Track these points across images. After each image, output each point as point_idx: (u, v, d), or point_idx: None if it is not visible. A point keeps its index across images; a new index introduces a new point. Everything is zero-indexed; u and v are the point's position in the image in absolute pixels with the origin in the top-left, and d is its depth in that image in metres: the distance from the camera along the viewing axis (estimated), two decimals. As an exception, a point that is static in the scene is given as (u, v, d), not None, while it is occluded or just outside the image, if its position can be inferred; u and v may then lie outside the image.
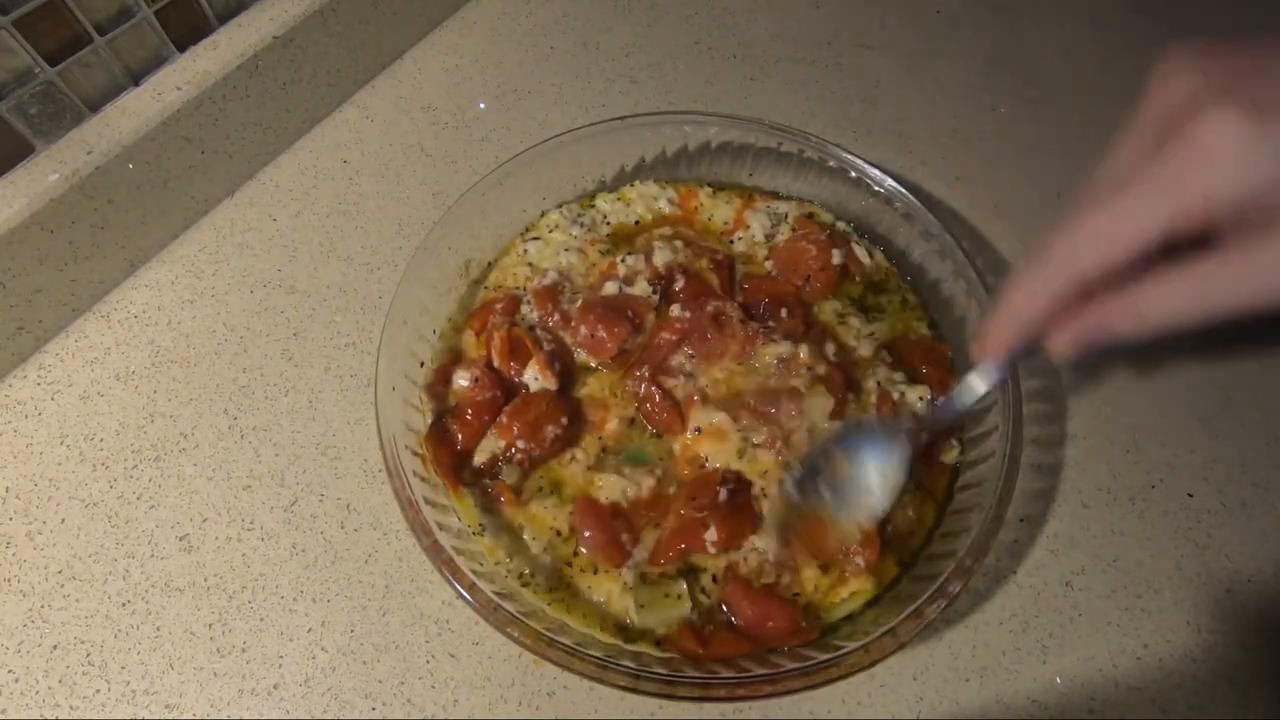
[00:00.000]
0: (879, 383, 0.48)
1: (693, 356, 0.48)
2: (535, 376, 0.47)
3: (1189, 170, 0.26)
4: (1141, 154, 0.28)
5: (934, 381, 0.48)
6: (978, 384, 0.38)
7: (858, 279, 0.54)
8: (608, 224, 0.56)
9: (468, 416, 0.46)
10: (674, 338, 0.48)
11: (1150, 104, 0.29)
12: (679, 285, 0.50)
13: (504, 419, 0.45)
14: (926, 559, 0.44)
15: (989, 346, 0.34)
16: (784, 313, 0.50)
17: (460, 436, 0.46)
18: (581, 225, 0.55)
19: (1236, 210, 0.27)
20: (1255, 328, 0.56)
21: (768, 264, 0.54)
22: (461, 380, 0.47)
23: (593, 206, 0.57)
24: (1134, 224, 0.28)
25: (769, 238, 0.55)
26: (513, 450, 0.45)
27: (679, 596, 0.42)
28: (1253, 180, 0.26)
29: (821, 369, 0.47)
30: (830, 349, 0.49)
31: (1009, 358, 0.35)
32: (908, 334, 0.52)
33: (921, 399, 0.47)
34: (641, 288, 0.50)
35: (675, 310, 0.49)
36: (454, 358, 0.50)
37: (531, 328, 0.49)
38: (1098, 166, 0.30)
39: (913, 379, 0.48)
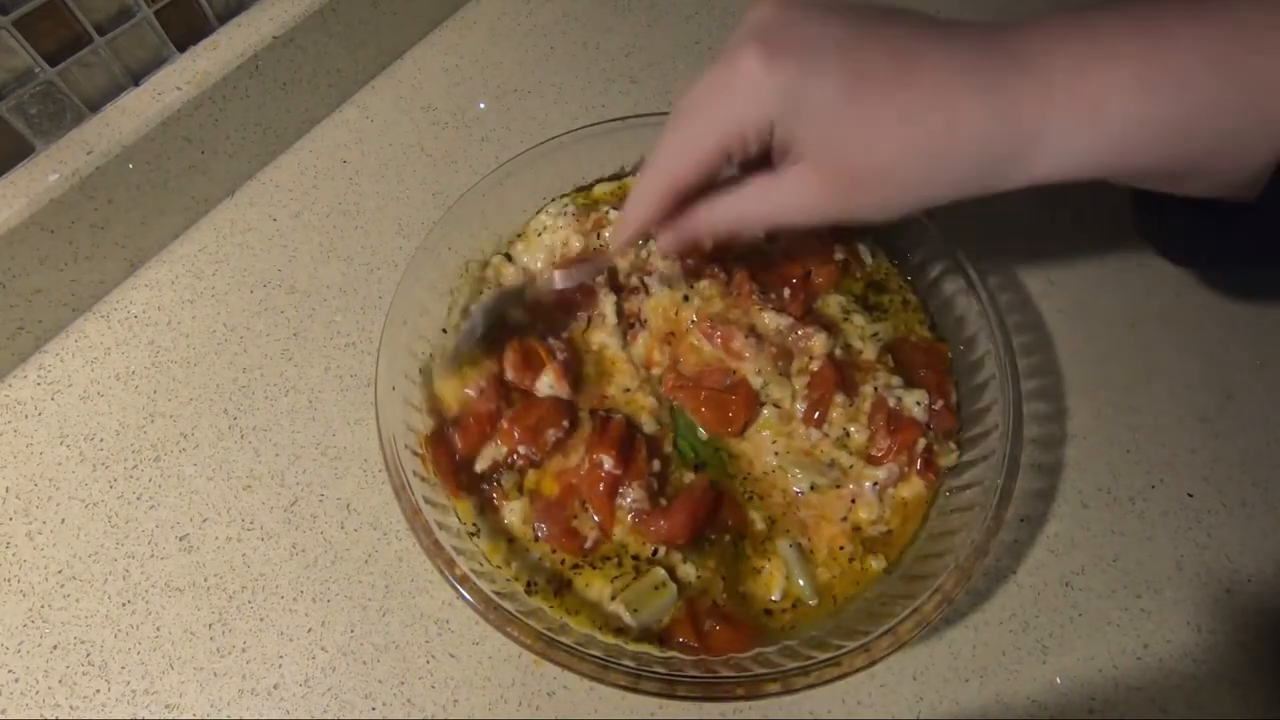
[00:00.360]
0: (877, 388, 0.47)
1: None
2: (550, 385, 0.47)
3: (720, 100, 0.33)
4: (715, 74, 0.34)
5: (931, 385, 0.48)
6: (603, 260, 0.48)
7: (858, 275, 0.54)
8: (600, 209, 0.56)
9: (470, 424, 0.46)
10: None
11: (736, 32, 0.34)
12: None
13: (505, 425, 0.45)
14: (925, 559, 0.44)
15: (616, 239, 0.42)
16: (786, 292, 0.51)
17: (461, 444, 0.46)
18: (569, 214, 0.54)
19: (770, 134, 0.32)
20: (1255, 328, 0.56)
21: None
22: (468, 390, 0.47)
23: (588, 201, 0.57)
24: (693, 144, 0.34)
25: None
26: (514, 456, 0.45)
27: (663, 584, 0.42)
28: (761, 108, 0.31)
29: (816, 365, 0.47)
30: (838, 345, 0.49)
31: (634, 243, 0.43)
32: (909, 335, 0.52)
33: (919, 403, 0.47)
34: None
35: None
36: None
37: (545, 335, 0.49)
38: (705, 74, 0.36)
39: (910, 382, 0.48)
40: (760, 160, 0.36)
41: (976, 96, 0.31)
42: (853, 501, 0.46)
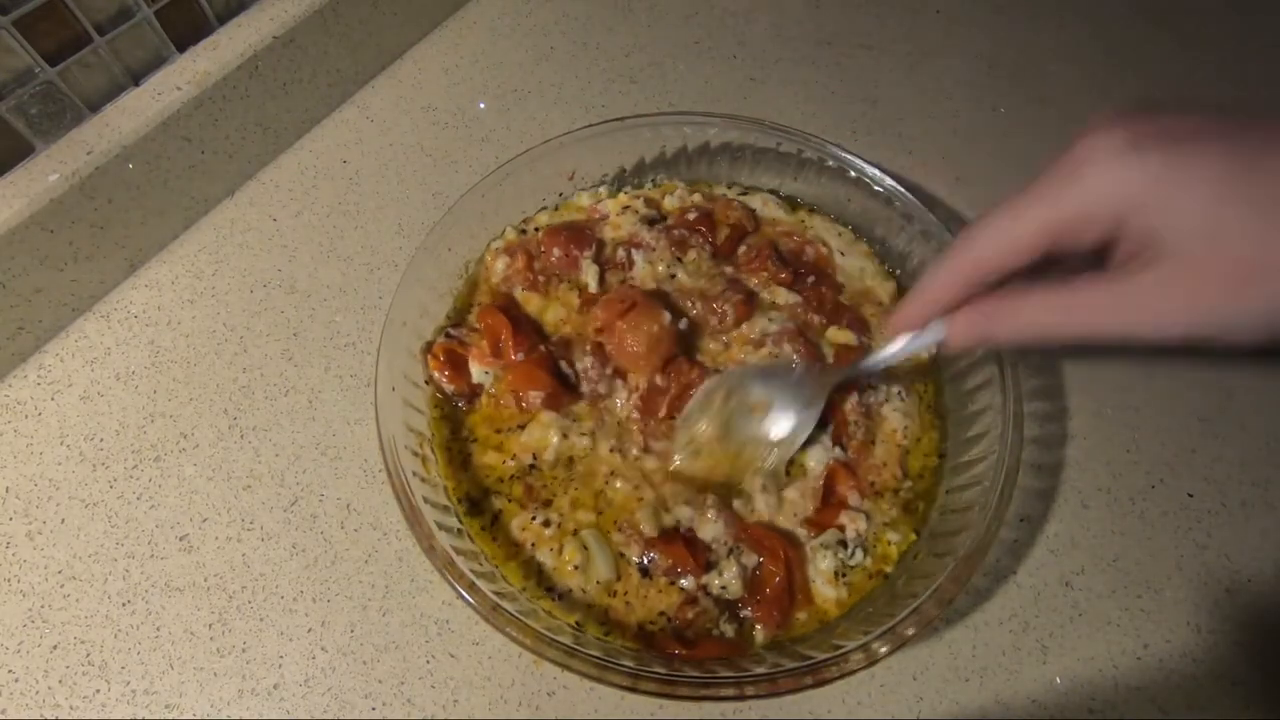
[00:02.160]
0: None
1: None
2: (483, 371, 0.48)
3: (1065, 178, 0.29)
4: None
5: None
6: (891, 349, 0.42)
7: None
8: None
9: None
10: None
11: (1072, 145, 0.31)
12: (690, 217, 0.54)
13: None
14: (926, 558, 0.44)
15: (905, 319, 0.38)
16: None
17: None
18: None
19: (1114, 228, 0.28)
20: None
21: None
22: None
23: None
24: (1019, 226, 0.30)
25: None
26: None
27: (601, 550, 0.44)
28: (1118, 193, 0.27)
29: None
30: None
31: (918, 332, 0.39)
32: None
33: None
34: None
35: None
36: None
37: (447, 333, 0.50)
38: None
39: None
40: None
41: None
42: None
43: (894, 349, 0.42)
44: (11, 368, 0.53)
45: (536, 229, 0.55)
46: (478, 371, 0.49)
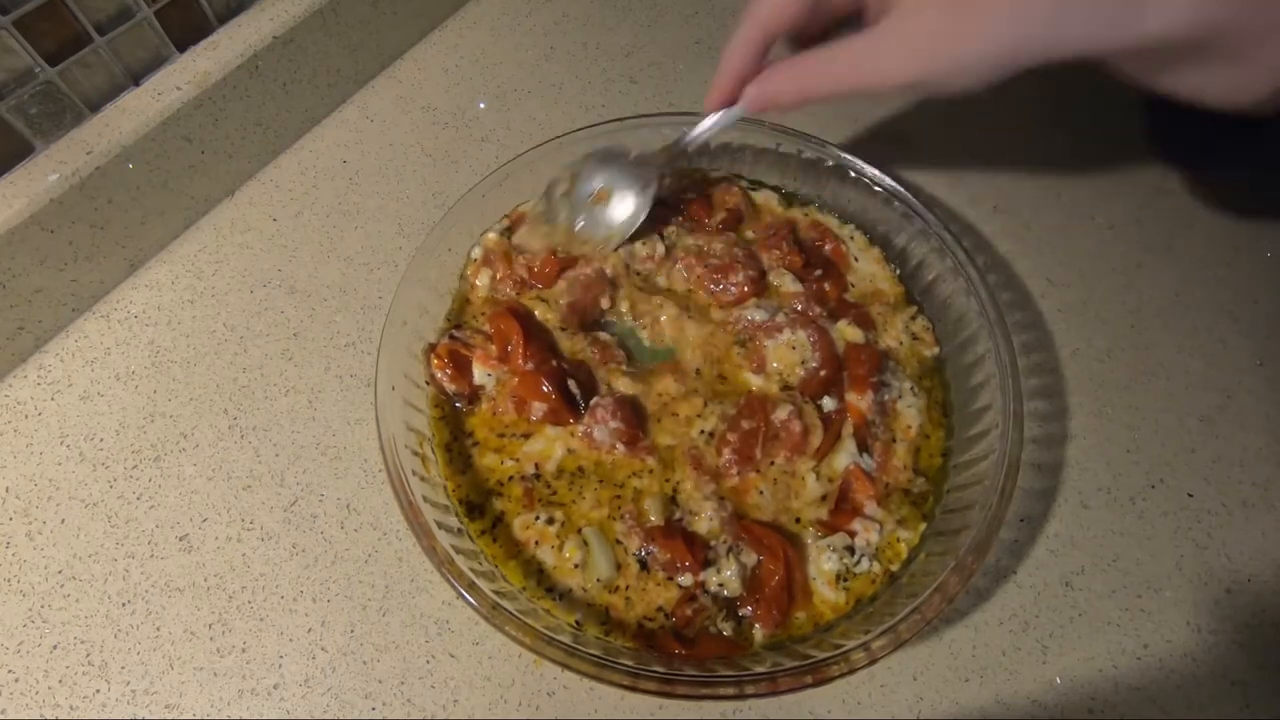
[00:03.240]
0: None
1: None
2: (486, 373, 0.48)
3: None
4: None
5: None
6: (706, 124, 0.45)
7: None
8: None
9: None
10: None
11: None
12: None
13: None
14: (927, 558, 0.44)
15: (717, 96, 0.42)
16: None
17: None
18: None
19: None
20: (1255, 328, 0.56)
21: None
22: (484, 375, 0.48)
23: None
24: None
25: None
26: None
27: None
28: None
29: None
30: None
31: (729, 96, 0.42)
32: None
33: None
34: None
35: None
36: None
37: (452, 334, 0.50)
38: None
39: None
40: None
41: None
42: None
43: (709, 123, 0.45)
44: (11, 368, 0.53)
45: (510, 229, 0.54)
46: (480, 373, 0.48)
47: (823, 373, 0.48)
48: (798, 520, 0.46)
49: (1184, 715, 0.44)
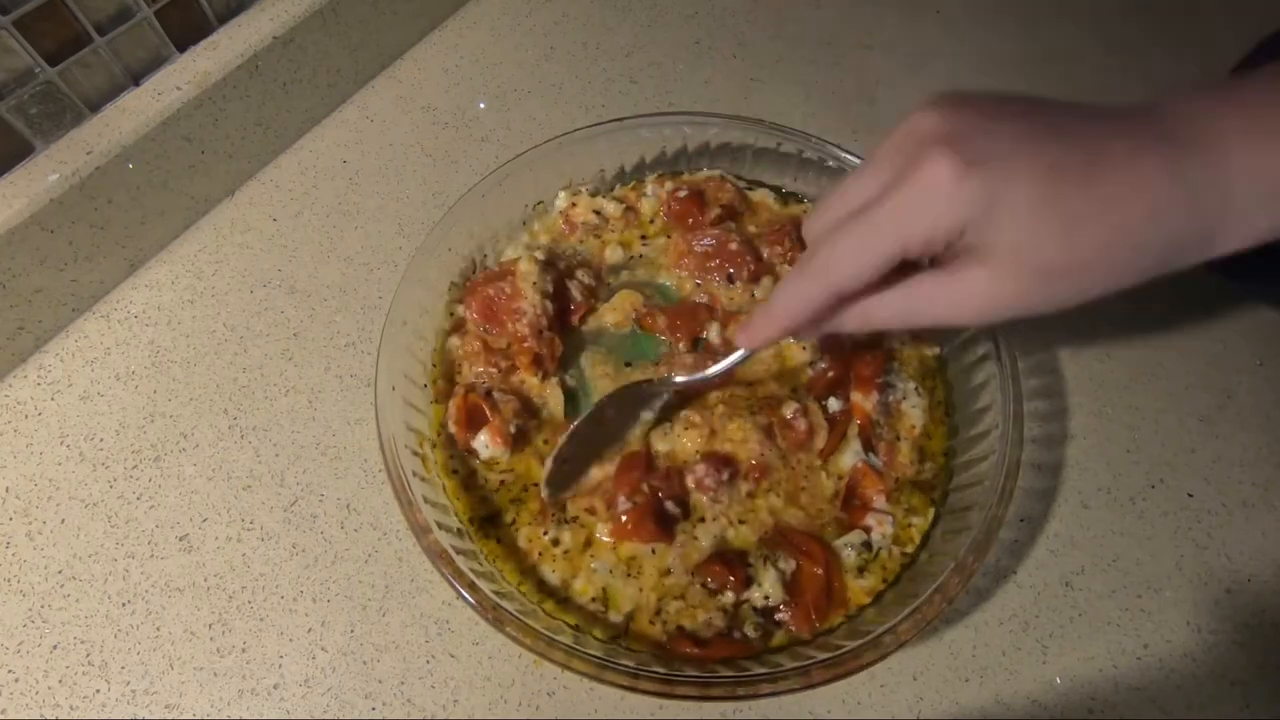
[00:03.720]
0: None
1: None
2: (485, 445, 0.46)
3: (915, 202, 0.32)
4: (885, 178, 0.34)
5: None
6: (728, 362, 0.43)
7: None
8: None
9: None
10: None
11: (899, 133, 0.35)
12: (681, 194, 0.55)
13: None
14: (926, 558, 0.44)
15: (752, 336, 0.40)
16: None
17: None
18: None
19: (950, 238, 0.32)
20: (1255, 328, 0.56)
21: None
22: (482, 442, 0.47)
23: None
24: (876, 253, 0.33)
25: None
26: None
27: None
28: (957, 216, 0.31)
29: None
30: None
31: (773, 343, 0.42)
32: None
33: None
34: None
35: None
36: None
37: (489, 391, 0.48)
38: (853, 179, 0.36)
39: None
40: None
41: (1169, 183, 0.31)
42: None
43: (731, 361, 0.43)
44: (11, 368, 0.53)
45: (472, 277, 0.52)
46: (483, 443, 0.46)
47: (830, 373, 0.49)
48: (822, 524, 0.46)
49: (1184, 715, 0.44)
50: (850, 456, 0.47)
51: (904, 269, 0.34)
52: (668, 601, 0.43)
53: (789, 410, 0.47)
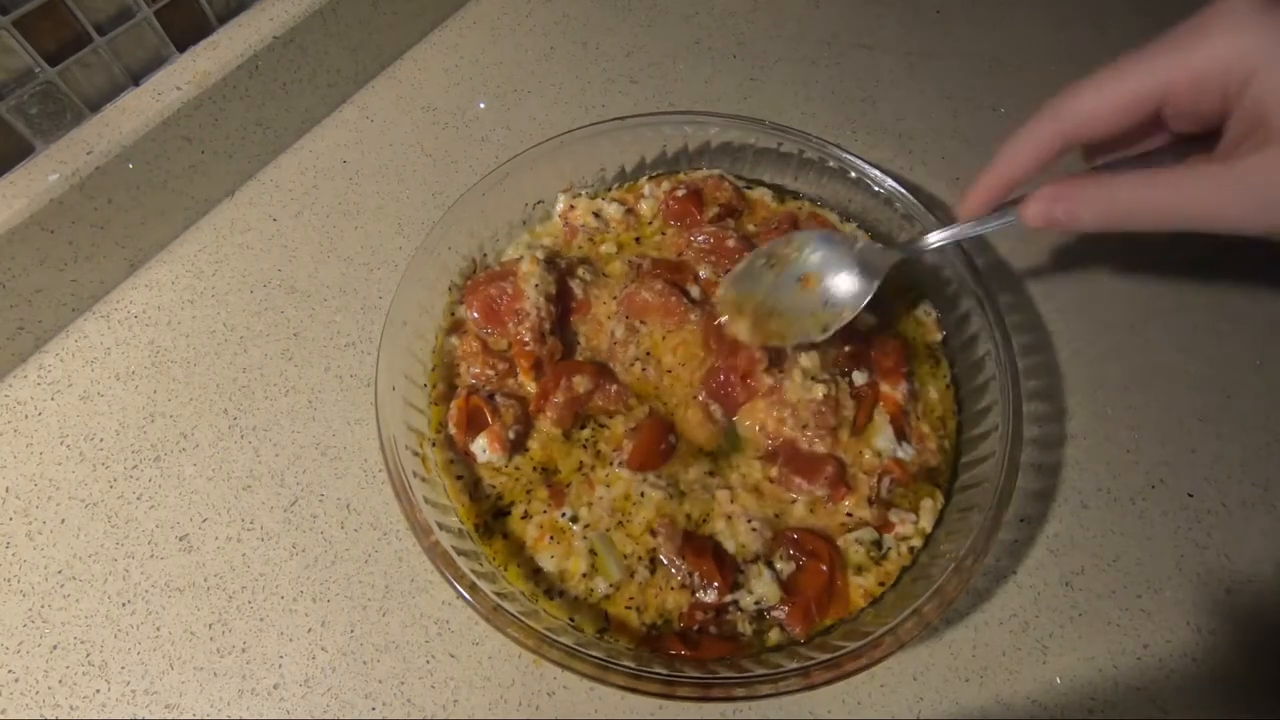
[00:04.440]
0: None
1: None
2: (484, 449, 0.46)
3: (1187, 36, 0.26)
4: None
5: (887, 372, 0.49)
6: (958, 229, 0.40)
7: None
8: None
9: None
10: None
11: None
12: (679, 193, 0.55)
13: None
14: (926, 558, 0.44)
15: (978, 200, 0.35)
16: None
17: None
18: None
19: (1231, 98, 0.25)
20: (1255, 327, 0.56)
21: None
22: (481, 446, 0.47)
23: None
24: (1126, 84, 0.27)
25: None
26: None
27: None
28: (1239, 55, 0.24)
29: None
30: None
31: (992, 205, 0.35)
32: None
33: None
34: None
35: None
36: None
37: (491, 395, 0.48)
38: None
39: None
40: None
41: None
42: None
43: (961, 229, 0.39)
44: (11, 368, 0.53)
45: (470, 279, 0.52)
46: (481, 447, 0.46)
47: (846, 348, 0.49)
48: (846, 525, 0.45)
49: (1184, 715, 0.44)
50: (885, 442, 0.47)
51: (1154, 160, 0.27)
52: (656, 579, 0.43)
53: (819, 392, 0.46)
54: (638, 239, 0.55)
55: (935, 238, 0.42)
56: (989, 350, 0.47)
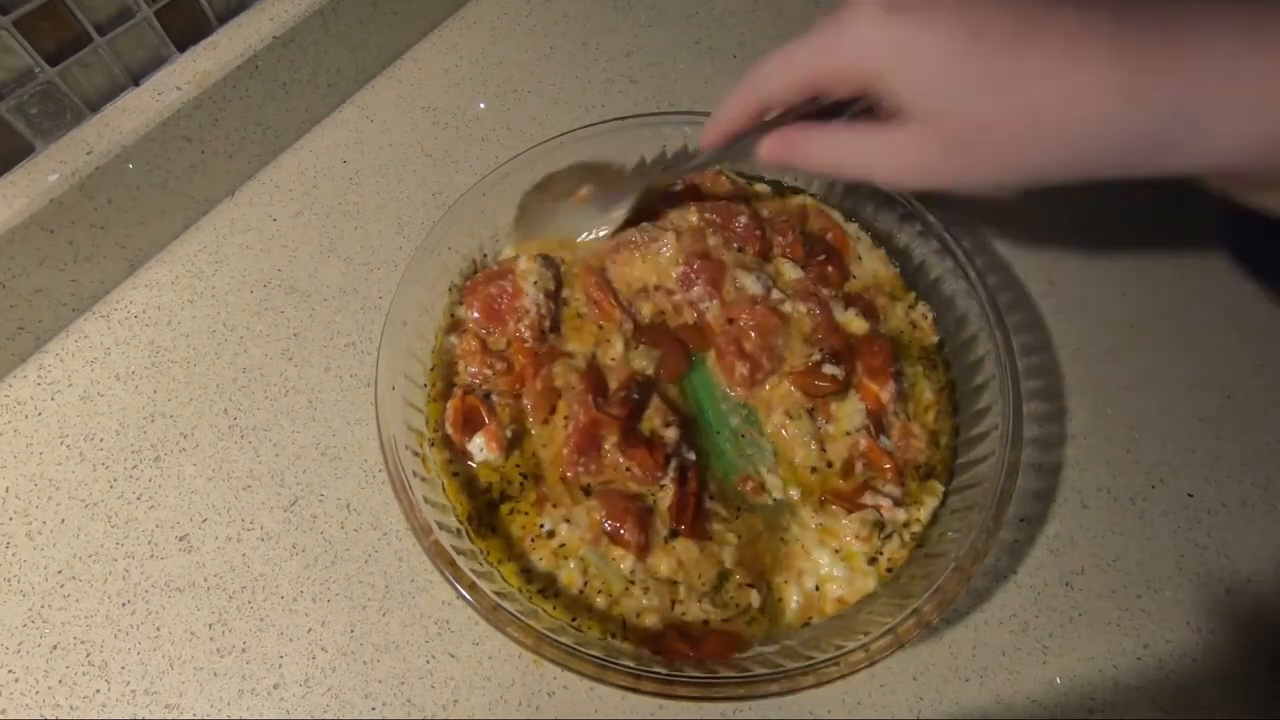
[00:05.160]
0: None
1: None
2: (480, 448, 0.45)
3: (828, 34, 0.33)
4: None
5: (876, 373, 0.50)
6: (701, 157, 0.45)
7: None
8: None
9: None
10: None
11: None
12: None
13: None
14: (927, 558, 0.44)
15: (706, 139, 0.42)
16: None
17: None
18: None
19: (866, 86, 0.32)
20: (1255, 328, 0.56)
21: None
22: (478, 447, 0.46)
23: None
24: (789, 71, 0.35)
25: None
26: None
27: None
28: (865, 57, 0.31)
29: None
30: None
31: (720, 145, 0.42)
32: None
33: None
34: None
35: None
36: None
37: (487, 394, 0.47)
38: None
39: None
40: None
41: (1104, 66, 0.28)
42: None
43: (703, 157, 0.45)
44: (11, 368, 0.53)
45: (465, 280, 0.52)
46: (477, 447, 0.46)
47: (827, 345, 0.49)
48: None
49: (1184, 715, 0.44)
50: (855, 417, 0.47)
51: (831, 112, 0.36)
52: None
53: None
54: None
55: (690, 162, 0.47)
56: (989, 350, 0.47)
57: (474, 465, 0.46)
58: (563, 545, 0.44)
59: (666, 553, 0.43)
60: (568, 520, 0.44)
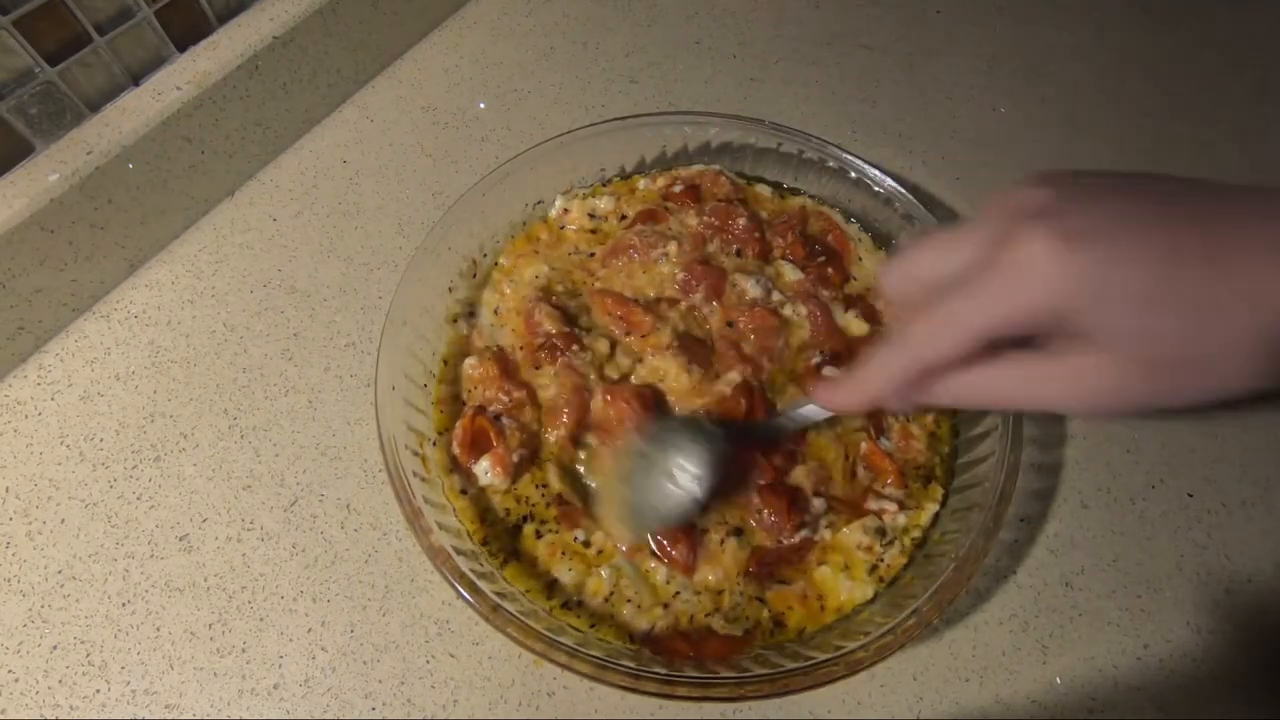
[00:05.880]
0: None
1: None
2: (486, 471, 0.45)
3: (1005, 280, 0.30)
4: (978, 246, 0.31)
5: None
6: (806, 416, 0.42)
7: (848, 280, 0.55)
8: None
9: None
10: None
11: (997, 202, 0.32)
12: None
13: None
14: (926, 558, 0.44)
15: (834, 399, 0.38)
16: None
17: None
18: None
19: (1049, 319, 0.30)
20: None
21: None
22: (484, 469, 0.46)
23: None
24: (962, 329, 0.31)
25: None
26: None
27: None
28: (1054, 295, 0.29)
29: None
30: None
31: (863, 412, 0.40)
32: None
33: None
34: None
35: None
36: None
37: (498, 416, 0.47)
38: (943, 240, 0.34)
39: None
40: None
41: None
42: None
43: (810, 416, 0.42)
44: (11, 368, 0.53)
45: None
46: (483, 469, 0.45)
47: (827, 347, 0.49)
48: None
49: (1184, 715, 0.44)
50: (854, 419, 0.48)
51: (996, 346, 0.32)
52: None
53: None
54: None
55: (792, 418, 0.43)
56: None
57: (485, 489, 0.46)
58: (600, 553, 0.44)
59: (711, 569, 0.43)
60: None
